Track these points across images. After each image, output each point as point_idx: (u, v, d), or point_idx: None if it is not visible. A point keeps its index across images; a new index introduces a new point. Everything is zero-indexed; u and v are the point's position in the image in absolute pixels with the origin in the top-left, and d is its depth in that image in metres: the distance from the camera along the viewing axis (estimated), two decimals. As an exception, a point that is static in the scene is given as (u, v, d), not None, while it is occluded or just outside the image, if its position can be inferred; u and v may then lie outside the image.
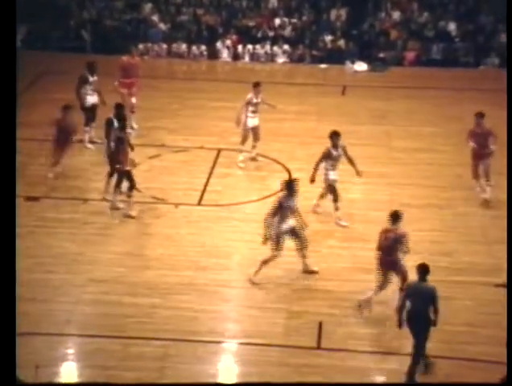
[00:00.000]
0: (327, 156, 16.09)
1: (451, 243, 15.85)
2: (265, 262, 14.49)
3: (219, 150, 19.75)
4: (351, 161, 16.19)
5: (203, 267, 15.03)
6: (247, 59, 27.24)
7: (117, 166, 16.53)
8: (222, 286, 14.53)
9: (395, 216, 13.66)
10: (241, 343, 13.12)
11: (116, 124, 16.62)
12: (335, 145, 16.10)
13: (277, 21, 28.05)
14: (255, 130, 18.69)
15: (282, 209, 14.27)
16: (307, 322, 13.50)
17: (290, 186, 14.38)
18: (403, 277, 13.39)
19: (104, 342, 12.99)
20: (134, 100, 20.40)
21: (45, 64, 25.28)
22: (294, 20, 28.04)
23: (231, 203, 17.31)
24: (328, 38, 27.32)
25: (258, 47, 27.24)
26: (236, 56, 27.23)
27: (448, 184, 18.08)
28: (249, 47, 27.25)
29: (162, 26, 27.99)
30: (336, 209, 16.51)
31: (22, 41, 27.67)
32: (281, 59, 27.03)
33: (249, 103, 18.42)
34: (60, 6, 28.54)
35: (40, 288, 14.31)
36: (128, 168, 16.52)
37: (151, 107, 21.05)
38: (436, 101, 21.82)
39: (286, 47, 27.09)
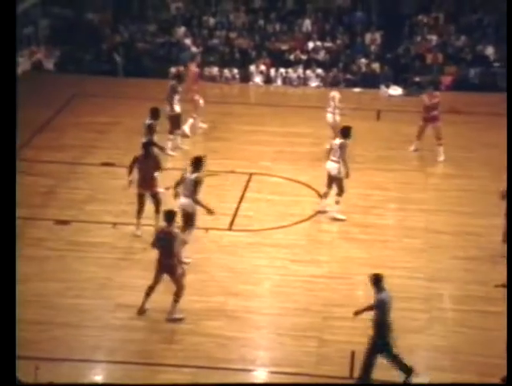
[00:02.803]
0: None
1: (486, 272, 15.46)
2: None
3: (250, 175, 19.53)
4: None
5: (233, 293, 14.82)
6: (279, 82, 27.06)
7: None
8: (253, 313, 14.30)
9: None
10: (272, 372, 12.86)
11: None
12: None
13: (310, 44, 27.89)
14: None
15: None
16: (339, 351, 13.20)
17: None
18: None
19: (131, 368, 12.79)
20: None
21: (77, 87, 25.26)
22: (328, 44, 27.87)
23: (262, 228, 17.07)
24: (363, 61, 27.10)
25: (290, 70, 27.07)
26: (268, 80, 27.06)
27: (484, 211, 17.68)
28: (282, 70, 27.08)
29: (194, 49, 27.94)
30: (337, 203, 17.24)
31: (56, 64, 27.80)
32: (314, 83, 26.81)
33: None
34: (93, 30, 28.70)
35: (69, 312, 14.16)
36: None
37: (182, 130, 20.90)
38: (473, 126, 21.45)
39: (319, 70, 26.87)
